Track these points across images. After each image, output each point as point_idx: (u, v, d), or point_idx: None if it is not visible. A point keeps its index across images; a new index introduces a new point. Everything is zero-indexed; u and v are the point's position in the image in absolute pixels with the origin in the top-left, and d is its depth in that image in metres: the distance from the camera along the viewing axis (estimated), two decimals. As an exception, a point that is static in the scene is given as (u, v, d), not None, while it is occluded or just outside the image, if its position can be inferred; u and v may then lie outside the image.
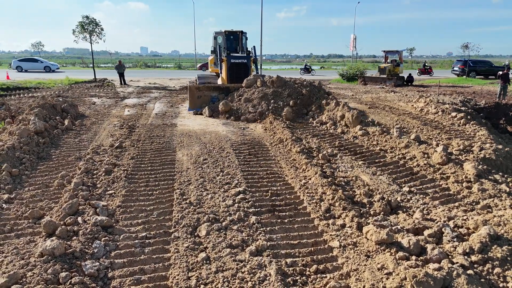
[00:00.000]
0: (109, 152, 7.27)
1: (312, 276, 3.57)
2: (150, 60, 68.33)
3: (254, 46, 15.13)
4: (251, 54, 14.86)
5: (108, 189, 5.53)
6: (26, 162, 6.45)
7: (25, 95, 16.45)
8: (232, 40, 16.12)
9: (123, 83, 22.84)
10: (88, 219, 4.50)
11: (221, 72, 14.08)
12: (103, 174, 6.06)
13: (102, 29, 24.29)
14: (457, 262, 3.54)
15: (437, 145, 7.47)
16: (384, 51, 27.13)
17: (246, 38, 16.64)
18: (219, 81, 13.99)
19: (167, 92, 18.90)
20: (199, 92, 12.28)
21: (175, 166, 6.62)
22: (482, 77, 29.58)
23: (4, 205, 4.94)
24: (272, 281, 3.41)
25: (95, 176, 6.02)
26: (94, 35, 24.02)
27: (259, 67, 17.25)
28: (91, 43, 24.29)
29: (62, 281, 3.36)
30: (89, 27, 23.64)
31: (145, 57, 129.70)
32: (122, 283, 3.42)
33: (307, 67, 38.72)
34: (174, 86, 22.16)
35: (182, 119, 11.34)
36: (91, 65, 31.95)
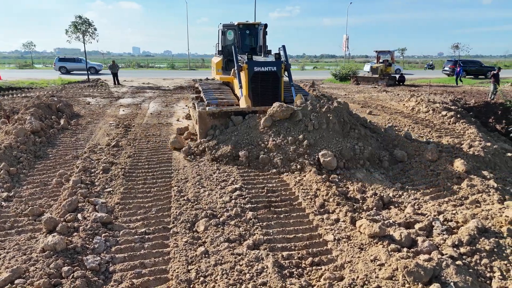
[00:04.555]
0: (106, 151, 7.33)
1: (307, 268, 3.70)
2: (142, 60, 67.94)
3: (283, 46, 9.62)
4: (282, 59, 9.30)
5: (106, 187, 5.60)
6: (23, 161, 6.49)
7: (18, 95, 16.37)
8: (247, 36, 11.54)
9: (116, 83, 22.78)
10: (87, 216, 4.58)
11: (240, 86, 8.88)
12: (100, 172, 6.12)
13: (95, 29, 24.18)
14: (446, 254, 3.70)
15: (428, 142, 7.66)
16: (376, 51, 27.45)
17: (266, 33, 11.44)
18: (242, 103, 8.40)
19: (161, 92, 18.91)
20: (214, 120, 7.79)
21: (172, 164, 6.70)
22: (472, 77, 30.03)
23: (3, 203, 4.99)
24: (269, 273, 3.53)
25: (93, 174, 6.08)
26: (87, 35, 23.91)
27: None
28: (84, 43, 24.20)
29: (64, 275, 3.44)
30: (82, 27, 23.53)
31: (137, 57, 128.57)
32: (123, 277, 3.52)
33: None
34: (168, 86, 22.16)
35: (177, 118, 11.40)
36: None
